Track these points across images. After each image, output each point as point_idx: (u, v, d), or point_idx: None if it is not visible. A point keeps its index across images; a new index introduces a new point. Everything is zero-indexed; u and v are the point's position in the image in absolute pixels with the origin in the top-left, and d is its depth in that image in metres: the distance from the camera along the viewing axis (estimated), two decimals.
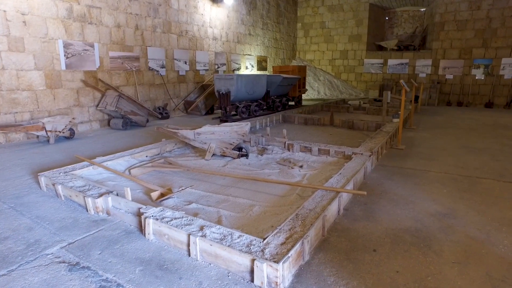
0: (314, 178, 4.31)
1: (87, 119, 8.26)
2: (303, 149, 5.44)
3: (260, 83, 9.05)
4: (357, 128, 8.01)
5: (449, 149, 6.15)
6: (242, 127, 4.94)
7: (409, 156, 5.59)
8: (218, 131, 4.90)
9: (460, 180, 4.36)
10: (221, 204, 3.57)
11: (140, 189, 4.04)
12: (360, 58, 16.60)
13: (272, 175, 4.51)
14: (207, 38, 11.83)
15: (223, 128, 4.92)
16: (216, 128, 4.92)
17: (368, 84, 16.59)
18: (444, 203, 3.57)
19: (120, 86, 8.98)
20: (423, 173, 4.63)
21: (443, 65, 14.27)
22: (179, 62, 10.80)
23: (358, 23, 16.42)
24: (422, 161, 5.25)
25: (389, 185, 4.14)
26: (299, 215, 2.84)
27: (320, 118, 8.57)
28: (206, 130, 4.93)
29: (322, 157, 5.23)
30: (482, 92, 13.81)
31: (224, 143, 5.01)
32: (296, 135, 7.45)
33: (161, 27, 9.97)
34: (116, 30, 8.64)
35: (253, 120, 8.06)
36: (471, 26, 13.55)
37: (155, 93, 10.11)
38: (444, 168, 4.91)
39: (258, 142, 5.99)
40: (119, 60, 8.88)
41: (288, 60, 17.59)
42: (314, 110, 11.28)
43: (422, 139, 6.99)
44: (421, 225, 3.04)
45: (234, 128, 4.88)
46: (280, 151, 5.66)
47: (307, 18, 17.71)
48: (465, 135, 7.52)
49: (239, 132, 4.88)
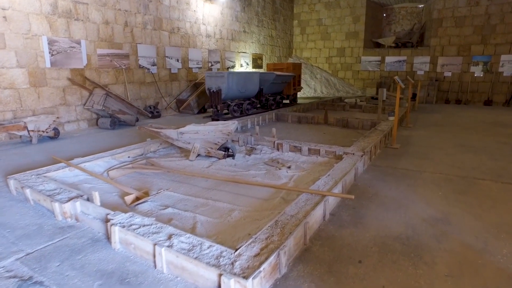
0: (301, 180, 4.07)
1: (74, 118, 8.02)
2: (292, 149, 5.20)
3: (253, 81, 8.81)
4: (351, 126, 7.78)
5: (446, 148, 5.91)
6: (228, 126, 4.70)
7: (403, 155, 5.35)
8: (202, 131, 4.66)
9: (456, 181, 4.13)
10: (199, 208, 3.33)
11: (117, 192, 3.81)
12: (357, 56, 16.35)
13: (258, 176, 4.27)
14: (200, 35, 11.57)
15: (207, 127, 4.68)
16: (200, 127, 4.69)
17: (365, 82, 16.35)
18: (438, 206, 3.33)
19: (109, 85, 8.74)
20: (417, 174, 4.39)
21: (442, 62, 14.02)
22: (171, 60, 10.55)
23: (355, 20, 16.16)
24: (417, 161, 5.02)
25: (381, 186, 3.90)
26: (278, 222, 2.61)
27: (314, 116, 8.32)
28: (189, 130, 4.70)
29: (312, 157, 5.00)
30: (481, 90, 13.57)
31: (209, 143, 4.78)
32: (289, 134, 7.21)
33: (151, 24, 9.72)
34: (104, 26, 8.39)
35: (245, 119, 7.82)
36: (469, 23, 13.30)
37: (146, 91, 9.86)
38: (439, 168, 4.67)
39: (246, 141, 5.75)
40: (108, 58, 8.63)
41: (284, 58, 17.33)
42: (309, 109, 11.03)
43: (418, 138, 6.75)
44: (412, 231, 2.81)
45: (219, 127, 4.64)
46: (269, 151, 5.42)
47: (304, 15, 17.45)
48: (463, 133, 7.28)
49: (224, 132, 4.64)
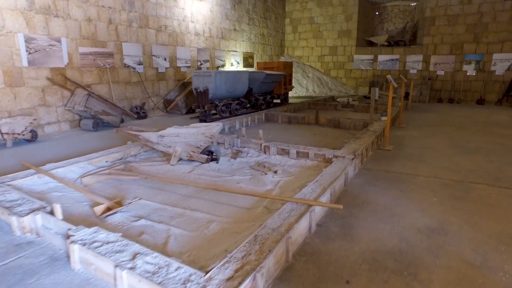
0: (288, 186, 3.81)
1: (55, 119, 7.67)
2: (280, 152, 4.94)
3: (242, 80, 8.53)
4: (343, 127, 7.55)
5: (440, 149, 5.71)
6: (211, 128, 4.43)
7: (396, 157, 5.13)
8: (183, 133, 4.38)
9: (452, 185, 3.90)
10: (175, 219, 3.06)
11: (89, 201, 3.51)
12: (350, 54, 16.16)
13: (242, 182, 4.01)
14: (189, 33, 11.26)
15: (189, 130, 4.40)
16: (181, 130, 4.40)
17: (358, 81, 16.16)
18: (434, 214, 3.10)
19: (92, 84, 8.40)
20: (411, 178, 4.16)
21: (434, 61, 13.88)
22: (158, 59, 10.23)
23: (347, 18, 15.96)
24: (410, 164, 4.79)
25: (372, 192, 3.66)
26: (258, 237, 2.35)
27: (304, 116, 8.08)
28: (170, 133, 4.41)
29: (300, 161, 4.74)
30: (473, 89, 13.46)
31: (191, 146, 4.50)
32: (278, 135, 6.96)
33: (137, 22, 9.39)
34: (86, 24, 8.04)
35: (233, 120, 7.54)
36: (462, 21, 13.18)
37: (132, 91, 9.53)
38: (434, 171, 4.45)
39: (232, 143, 5.48)
40: (91, 57, 8.29)
41: (276, 57, 17.08)
42: (301, 108, 10.80)
43: (411, 138, 6.55)
44: (406, 244, 2.56)
45: (201, 130, 4.37)
46: (256, 154, 5.16)
47: (296, 13, 17.20)
48: (457, 133, 7.09)
49: (207, 135, 4.37)
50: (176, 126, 4.97)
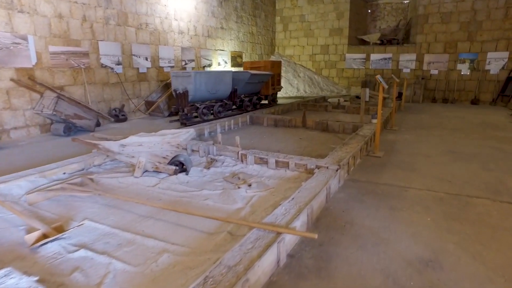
0: (260, 204, 3.34)
1: (23, 124, 7.12)
2: (258, 161, 4.47)
3: (224, 81, 8.04)
4: (331, 130, 7.10)
5: (434, 155, 5.27)
6: (178, 136, 3.94)
7: (387, 166, 4.68)
8: (146, 142, 3.89)
9: (447, 200, 3.46)
10: (122, 248, 2.57)
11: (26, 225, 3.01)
12: (342, 53, 15.73)
13: (210, 198, 3.53)
14: (172, 31, 10.74)
15: (153, 138, 3.91)
16: (144, 139, 3.91)
17: (350, 80, 15.75)
18: (428, 240, 2.65)
19: (66, 86, 7.86)
20: (402, 191, 3.71)
21: (428, 59, 13.49)
22: (139, 59, 9.70)
23: (339, 16, 15.54)
24: (402, 173, 4.34)
25: (357, 211, 3.20)
26: (208, 280, 1.87)
27: (291, 119, 7.62)
28: (132, 142, 3.92)
29: (280, 171, 4.27)
30: (467, 88, 13.10)
31: (156, 156, 4.01)
32: (262, 139, 6.48)
33: (115, 19, 8.85)
34: (57, 21, 7.50)
35: (214, 123, 7.05)
36: (455, 19, 12.80)
37: (110, 93, 9.00)
38: (427, 182, 4.01)
39: (208, 151, 5.00)
40: (63, 56, 7.75)
41: (266, 56, 16.60)
42: (289, 110, 10.34)
43: (404, 143, 6.11)
44: (393, 283, 2.10)
45: (167, 139, 3.88)
46: (232, 163, 4.68)
47: (286, 11, 16.74)
48: (452, 137, 6.67)
49: (173, 144, 3.88)
50: (143, 133, 4.49)
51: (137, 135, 4.16)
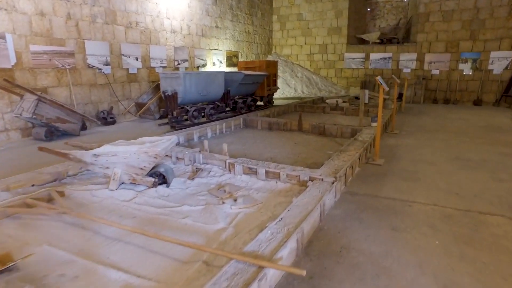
0: (245, 224, 2.95)
1: (2, 127, 6.73)
2: (247, 171, 4.08)
3: (216, 82, 7.64)
4: (329, 134, 6.71)
5: (439, 162, 4.88)
6: (156, 145, 3.55)
7: (388, 175, 4.29)
8: (121, 152, 3.49)
9: (457, 218, 3.07)
10: (79, 282, 2.18)
11: None
12: (341, 53, 15.34)
13: (190, 215, 3.14)
14: (164, 30, 10.34)
15: (128, 148, 3.52)
16: (119, 148, 3.52)
17: (349, 81, 15.36)
18: (437, 271, 2.26)
19: (49, 88, 7.46)
20: (405, 207, 3.32)
21: (429, 59, 13.10)
22: (129, 59, 9.29)
23: (337, 15, 15.14)
24: (404, 184, 3.95)
25: (355, 232, 2.82)
26: None
27: (286, 122, 7.22)
28: (105, 151, 3.53)
29: (270, 183, 3.88)
30: (470, 89, 12.71)
31: (133, 167, 3.61)
32: (254, 144, 6.09)
33: (102, 17, 8.45)
34: (38, 18, 7.10)
35: (204, 127, 6.65)
36: (457, 17, 12.41)
37: (98, 94, 8.60)
38: (433, 195, 3.62)
39: (194, 159, 4.61)
40: (46, 56, 7.35)
41: (263, 55, 16.21)
42: (286, 111, 9.94)
43: (405, 148, 5.72)
44: None
45: (143, 148, 3.49)
46: (219, 172, 4.29)
47: (283, 9, 16.34)
48: (456, 141, 6.29)
49: (150, 154, 3.49)
50: (121, 141, 4.09)
51: (113, 144, 3.77)
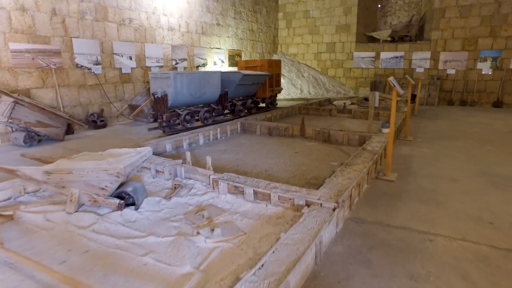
0: (219, 267, 2.29)
1: None
2: (232, 190, 3.42)
3: (211, 83, 7.00)
4: (334, 141, 6.01)
5: (462, 178, 4.16)
6: (120, 161, 2.93)
7: (402, 196, 3.59)
8: (77, 170, 2.88)
9: (496, 262, 2.36)
10: None
11: None
12: (349, 51, 14.57)
13: (154, 251, 2.50)
14: (160, 28, 9.76)
15: (86, 165, 2.91)
16: (74, 164, 2.90)
17: (358, 81, 14.58)
18: None
19: (33, 89, 6.94)
20: (425, 242, 2.63)
21: (444, 58, 12.25)
22: (122, 58, 8.74)
23: (346, 12, 14.38)
24: (423, 209, 3.25)
25: (361, 282, 2.14)
26: None
27: (287, 127, 6.55)
28: (59, 168, 2.92)
29: (259, 205, 3.22)
30: (489, 89, 11.82)
31: (93, 187, 3.00)
32: (250, 152, 5.43)
33: (92, 14, 7.90)
34: (19, 14, 6.57)
35: (196, 133, 6.02)
36: (476, 12, 11.54)
37: (88, 96, 8.05)
38: (460, 225, 2.91)
39: (175, 173, 3.98)
40: (28, 55, 6.83)
41: (268, 55, 15.54)
42: (289, 114, 9.26)
43: (421, 159, 5.00)
44: None
45: (103, 165, 2.86)
46: (202, 189, 3.65)
47: (289, 6, 15.64)
48: (480, 150, 5.53)
49: (111, 172, 2.86)
50: (85, 152, 3.49)
51: (76, 156, 3.16)
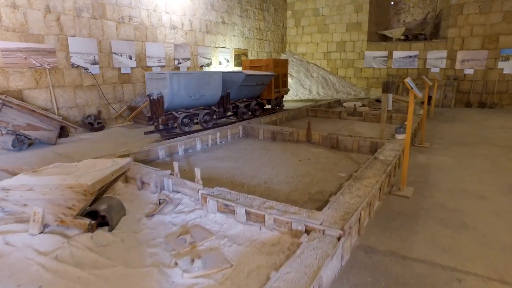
0: None
1: None
2: (222, 209, 2.97)
3: (212, 84, 6.57)
4: (343, 147, 5.51)
5: (490, 194, 3.62)
6: (88, 175, 2.51)
7: (420, 216, 3.08)
8: (39, 186, 2.47)
9: None
10: None
11: None
12: (360, 51, 13.97)
13: (123, 284, 2.07)
14: (162, 26, 9.38)
15: (49, 180, 2.50)
16: (37, 180, 2.50)
17: (369, 81, 13.97)
18: None
19: (25, 90, 6.63)
20: (451, 284, 2.13)
21: (461, 57, 11.57)
22: (121, 57, 8.39)
23: (357, 9, 13.78)
24: (446, 235, 2.75)
25: None
26: None
27: (292, 131, 6.07)
28: (18, 184, 2.52)
29: (252, 228, 2.76)
30: (511, 90, 11.10)
31: (58, 206, 2.59)
32: (249, 161, 4.97)
33: (89, 11, 7.56)
34: (9, 11, 6.26)
35: (193, 138, 5.59)
36: (497, 8, 10.83)
37: (85, 97, 7.72)
38: (495, 259, 2.40)
39: (162, 185, 3.55)
40: (20, 54, 6.51)
41: (276, 54, 15.05)
42: (296, 116, 8.77)
43: (440, 170, 4.46)
44: None
45: (68, 181, 2.45)
46: (190, 206, 3.21)
47: (298, 4, 15.12)
48: (506, 159, 4.96)
49: (77, 189, 2.44)
50: (58, 163, 3.09)
51: (37, 171, 2.76)
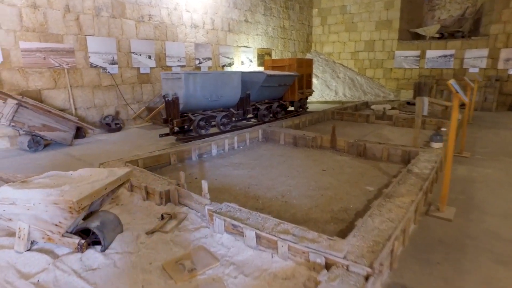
0: None
1: None
2: (230, 229, 2.59)
3: (230, 84, 6.21)
4: (371, 156, 4.99)
5: None
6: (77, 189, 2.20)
7: (466, 247, 2.56)
8: (22, 200, 2.19)
9: None
10: None
11: None
12: (390, 50, 13.21)
13: None
14: (183, 25, 9.16)
15: (33, 194, 2.21)
16: (17, 194, 2.22)
17: (400, 83, 13.18)
18: None
19: (44, 90, 6.57)
20: None
21: (506, 55, 10.59)
22: (140, 57, 8.23)
23: (388, 6, 13.03)
24: (502, 276, 2.22)
25: None
26: None
27: (316, 137, 5.61)
28: (1, 197, 2.24)
29: (263, 254, 2.36)
30: None
31: (45, 222, 2.30)
32: (267, 169, 4.57)
33: (108, 10, 7.43)
34: (30, 11, 6.20)
35: (208, 142, 5.26)
36: None
37: (103, 97, 7.60)
38: None
39: (167, 197, 3.22)
40: (39, 54, 6.45)
41: (301, 54, 14.55)
42: (320, 119, 8.27)
43: (486, 186, 3.87)
44: None
45: (53, 196, 2.15)
46: (197, 222, 2.86)
47: (325, 2, 14.53)
48: None
49: (62, 205, 2.14)
50: (53, 172, 2.82)
51: (26, 181, 2.49)
